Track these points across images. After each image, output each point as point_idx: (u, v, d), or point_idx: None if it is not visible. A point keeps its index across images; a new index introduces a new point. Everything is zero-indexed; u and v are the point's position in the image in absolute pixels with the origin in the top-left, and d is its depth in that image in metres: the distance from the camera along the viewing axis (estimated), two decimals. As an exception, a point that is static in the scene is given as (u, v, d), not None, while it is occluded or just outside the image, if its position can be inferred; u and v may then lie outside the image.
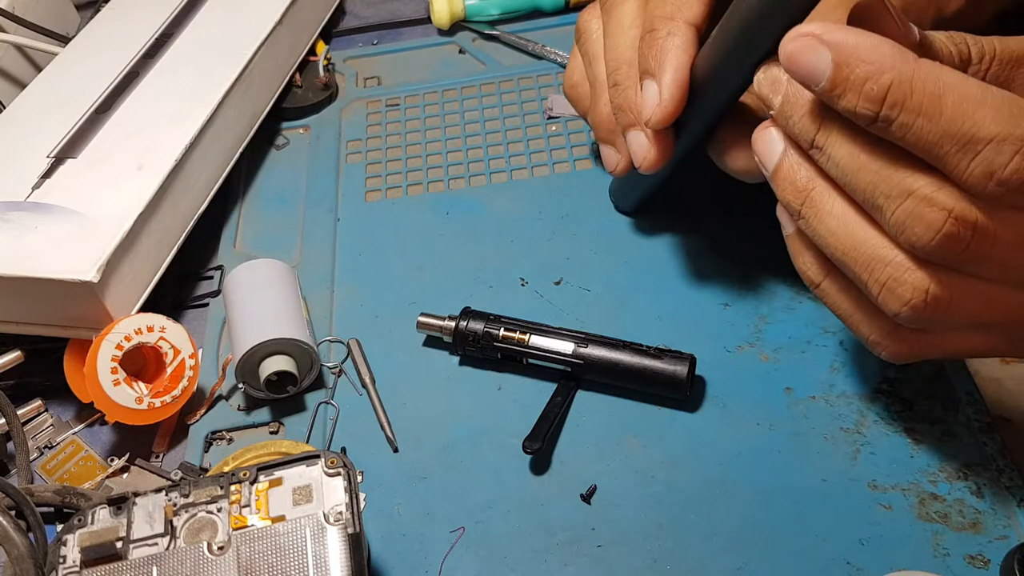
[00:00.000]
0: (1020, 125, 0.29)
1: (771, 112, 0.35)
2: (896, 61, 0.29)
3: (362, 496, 0.36)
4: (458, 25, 0.67)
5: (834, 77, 0.30)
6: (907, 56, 0.30)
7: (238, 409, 0.47)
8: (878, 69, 0.30)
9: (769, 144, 0.35)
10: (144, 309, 0.48)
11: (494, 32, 0.65)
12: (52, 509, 0.43)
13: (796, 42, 0.31)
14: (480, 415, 0.46)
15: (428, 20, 0.67)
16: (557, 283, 0.50)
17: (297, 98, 0.62)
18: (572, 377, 0.46)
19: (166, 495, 0.36)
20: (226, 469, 0.43)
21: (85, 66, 0.58)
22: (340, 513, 0.34)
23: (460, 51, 0.66)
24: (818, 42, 0.30)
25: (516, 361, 0.46)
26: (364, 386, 0.47)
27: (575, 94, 0.50)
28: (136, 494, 0.36)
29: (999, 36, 0.33)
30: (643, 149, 0.43)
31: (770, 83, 0.34)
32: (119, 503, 0.36)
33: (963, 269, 0.32)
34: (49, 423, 0.48)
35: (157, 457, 0.46)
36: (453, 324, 0.47)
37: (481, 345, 0.46)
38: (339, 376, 0.48)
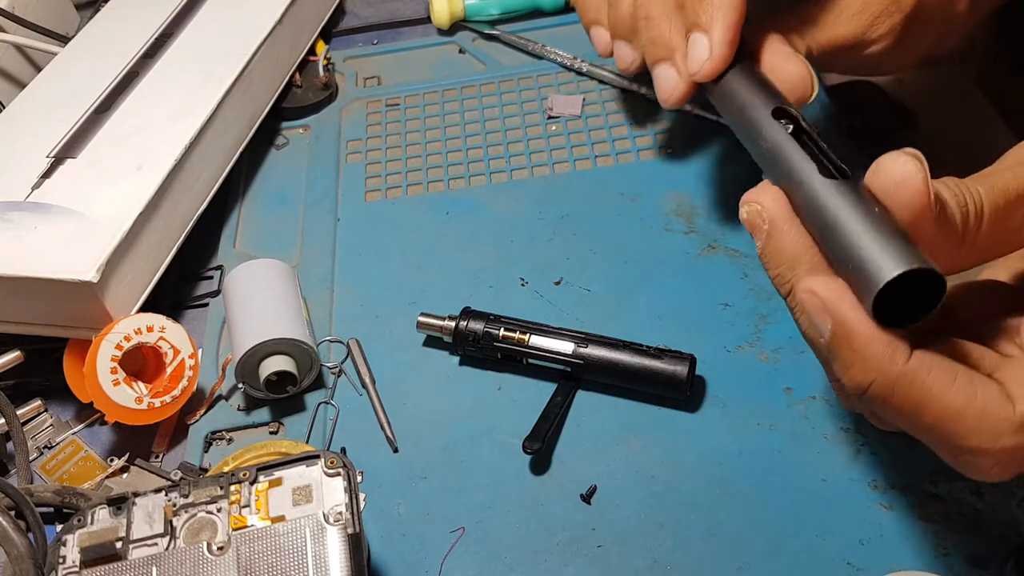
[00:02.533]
0: (999, 439, 0.29)
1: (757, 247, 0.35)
2: (883, 361, 0.29)
3: (362, 496, 0.35)
4: (458, 25, 0.67)
5: (830, 343, 0.30)
6: (897, 357, 0.29)
7: (238, 409, 0.47)
8: (864, 363, 0.29)
9: None
10: (144, 309, 0.48)
11: (494, 32, 0.65)
12: (52, 509, 0.43)
13: (806, 296, 0.31)
14: (480, 415, 0.46)
15: (428, 20, 0.67)
16: (557, 283, 0.50)
17: (297, 98, 0.62)
18: (572, 377, 0.46)
19: (166, 495, 0.36)
20: (226, 469, 0.43)
21: (85, 66, 0.58)
22: (340, 513, 0.34)
23: (460, 51, 0.66)
24: (822, 307, 0.30)
25: (516, 361, 0.46)
26: (364, 386, 0.47)
27: (584, 3, 0.50)
28: (136, 494, 0.36)
29: (987, 176, 0.32)
30: (671, 86, 0.43)
31: (751, 224, 0.34)
32: (119, 503, 0.36)
33: None
34: (49, 423, 0.48)
35: (157, 457, 0.46)
36: (453, 324, 0.47)
37: (481, 345, 0.46)
38: (339, 376, 0.48)
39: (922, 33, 0.44)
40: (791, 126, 0.36)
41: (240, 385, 0.46)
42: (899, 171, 0.29)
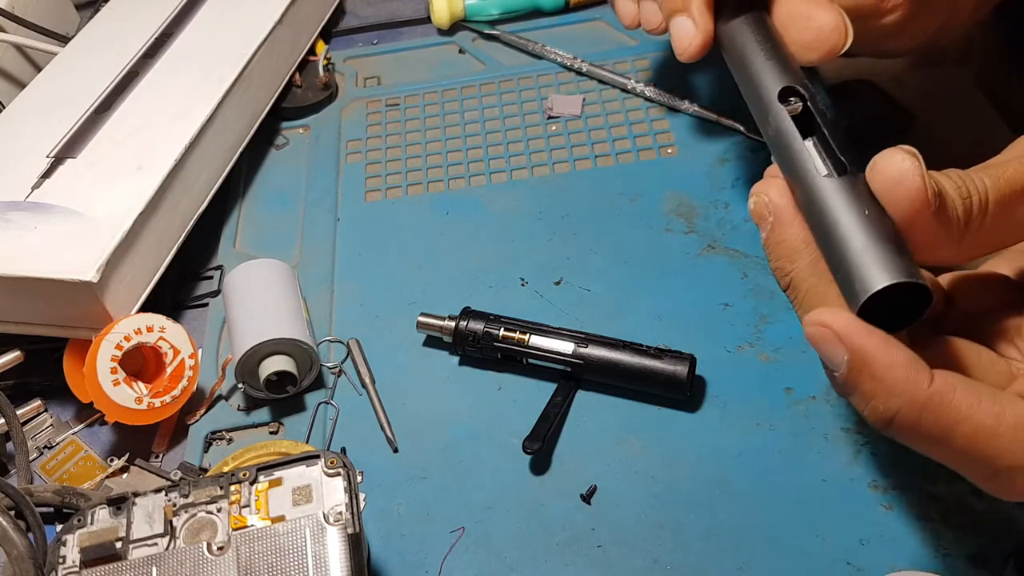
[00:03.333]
0: None
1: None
2: (908, 386, 0.28)
3: (362, 496, 0.36)
4: (458, 25, 0.67)
5: (846, 376, 0.29)
6: (920, 380, 0.28)
7: (238, 409, 0.47)
8: (887, 391, 0.28)
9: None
10: (144, 309, 0.48)
11: (494, 32, 0.65)
12: (52, 509, 0.43)
13: (815, 329, 0.29)
14: (480, 415, 0.46)
15: (428, 20, 0.67)
16: (557, 283, 0.50)
17: (297, 98, 0.62)
18: (572, 377, 0.46)
19: (166, 495, 0.36)
20: (226, 469, 0.43)
21: (85, 66, 0.58)
22: (340, 513, 0.34)
23: (460, 51, 0.66)
24: (835, 338, 0.29)
25: (516, 361, 0.46)
26: (364, 386, 0.47)
27: None
28: (136, 494, 0.36)
29: (993, 167, 0.31)
30: (687, 37, 0.42)
31: (757, 214, 0.34)
32: (119, 503, 0.36)
33: None
34: (49, 423, 0.48)
35: (157, 457, 0.46)
36: (453, 324, 0.47)
37: (481, 345, 0.46)
38: (339, 376, 0.48)
39: (931, 9, 0.44)
40: (800, 104, 0.35)
41: (240, 385, 0.46)
42: (896, 168, 0.29)
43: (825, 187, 0.32)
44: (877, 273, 0.29)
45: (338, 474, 0.36)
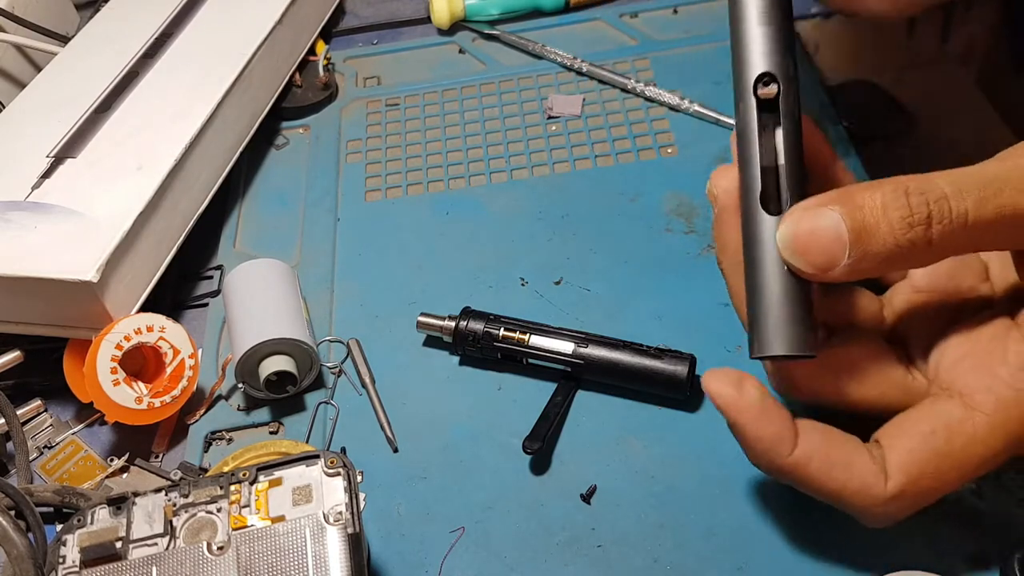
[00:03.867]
0: (871, 510, 0.33)
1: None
2: (769, 456, 0.33)
3: (362, 496, 0.35)
4: (458, 25, 0.67)
5: (730, 428, 0.34)
6: (782, 451, 0.33)
7: (238, 409, 0.47)
8: (754, 456, 0.34)
9: None
10: (144, 309, 0.48)
11: (494, 32, 0.65)
12: (52, 509, 0.43)
13: (706, 391, 0.34)
14: (480, 415, 0.46)
15: (428, 20, 0.67)
16: (557, 283, 0.50)
17: (297, 98, 0.62)
18: (572, 377, 0.46)
19: (166, 495, 0.36)
20: (226, 469, 0.43)
21: (85, 66, 0.58)
22: (340, 513, 0.34)
23: (460, 51, 0.66)
24: (719, 404, 0.34)
25: (516, 361, 0.46)
26: (364, 386, 0.47)
27: None
28: (136, 494, 0.36)
29: (985, 191, 0.31)
30: None
31: (710, 196, 0.37)
32: (119, 503, 0.36)
33: None
34: (49, 423, 0.48)
35: (157, 457, 0.46)
36: (453, 324, 0.47)
37: (481, 345, 0.46)
38: (339, 376, 0.48)
39: None
40: (775, 88, 0.33)
41: (240, 385, 0.46)
42: (805, 226, 0.31)
43: (757, 220, 0.33)
44: (770, 338, 0.33)
45: (338, 474, 0.36)
